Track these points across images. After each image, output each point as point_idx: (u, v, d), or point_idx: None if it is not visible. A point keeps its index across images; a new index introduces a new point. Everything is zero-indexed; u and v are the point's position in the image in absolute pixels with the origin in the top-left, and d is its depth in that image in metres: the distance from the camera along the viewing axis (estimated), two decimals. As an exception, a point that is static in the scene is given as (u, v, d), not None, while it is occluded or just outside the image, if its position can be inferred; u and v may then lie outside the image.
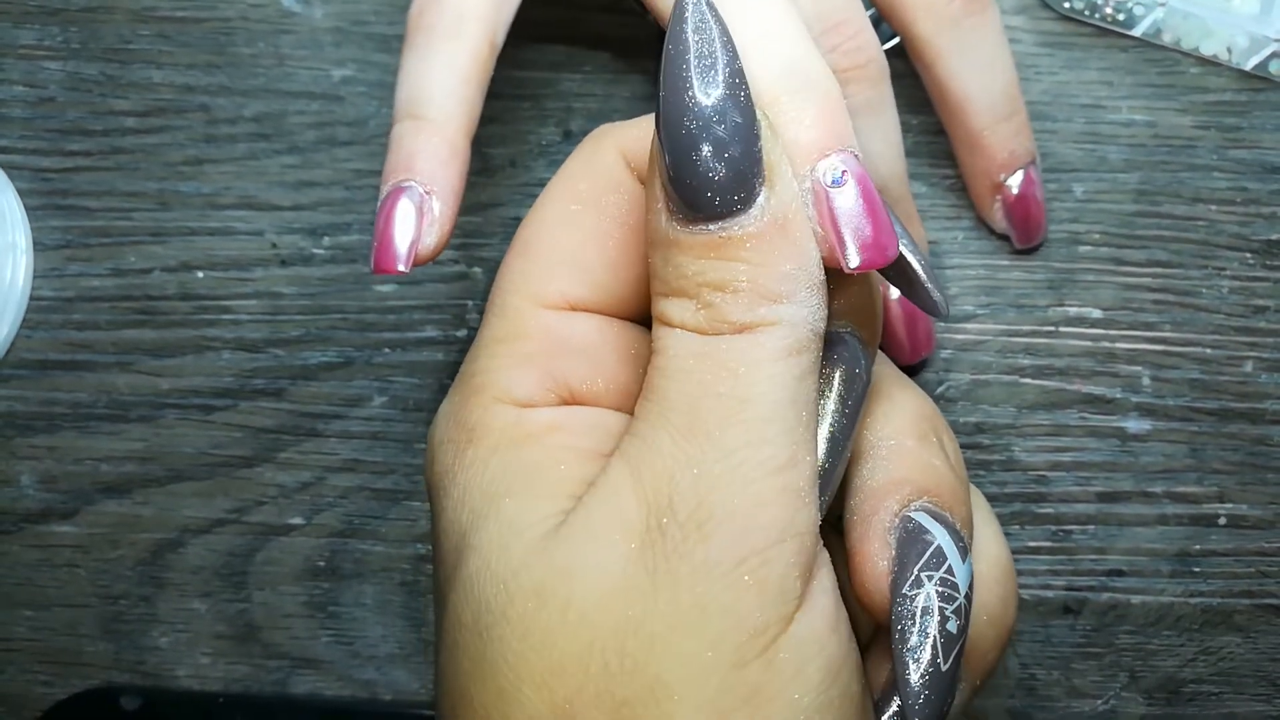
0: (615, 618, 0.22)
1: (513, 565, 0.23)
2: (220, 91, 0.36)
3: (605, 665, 0.22)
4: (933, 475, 0.25)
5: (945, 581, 0.24)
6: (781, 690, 0.22)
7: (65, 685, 0.37)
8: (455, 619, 0.24)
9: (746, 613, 0.22)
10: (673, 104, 0.22)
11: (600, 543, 0.22)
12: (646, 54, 0.36)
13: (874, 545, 0.24)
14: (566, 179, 0.27)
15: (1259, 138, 0.35)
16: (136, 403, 0.37)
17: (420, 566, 0.37)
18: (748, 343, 0.22)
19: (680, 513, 0.22)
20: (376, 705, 0.37)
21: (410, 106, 0.28)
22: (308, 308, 0.36)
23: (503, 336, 0.26)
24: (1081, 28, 0.36)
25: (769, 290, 0.22)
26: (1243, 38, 0.34)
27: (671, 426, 0.22)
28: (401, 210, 0.27)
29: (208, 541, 0.37)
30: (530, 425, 0.25)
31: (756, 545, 0.22)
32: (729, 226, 0.22)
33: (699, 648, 0.21)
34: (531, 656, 0.22)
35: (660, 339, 0.23)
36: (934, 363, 0.36)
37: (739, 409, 0.22)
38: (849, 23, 0.31)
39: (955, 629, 0.24)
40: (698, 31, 0.22)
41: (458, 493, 0.25)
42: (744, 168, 0.22)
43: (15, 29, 0.37)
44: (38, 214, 0.37)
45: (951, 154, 0.35)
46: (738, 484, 0.22)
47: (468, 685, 0.23)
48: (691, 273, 0.23)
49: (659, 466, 0.22)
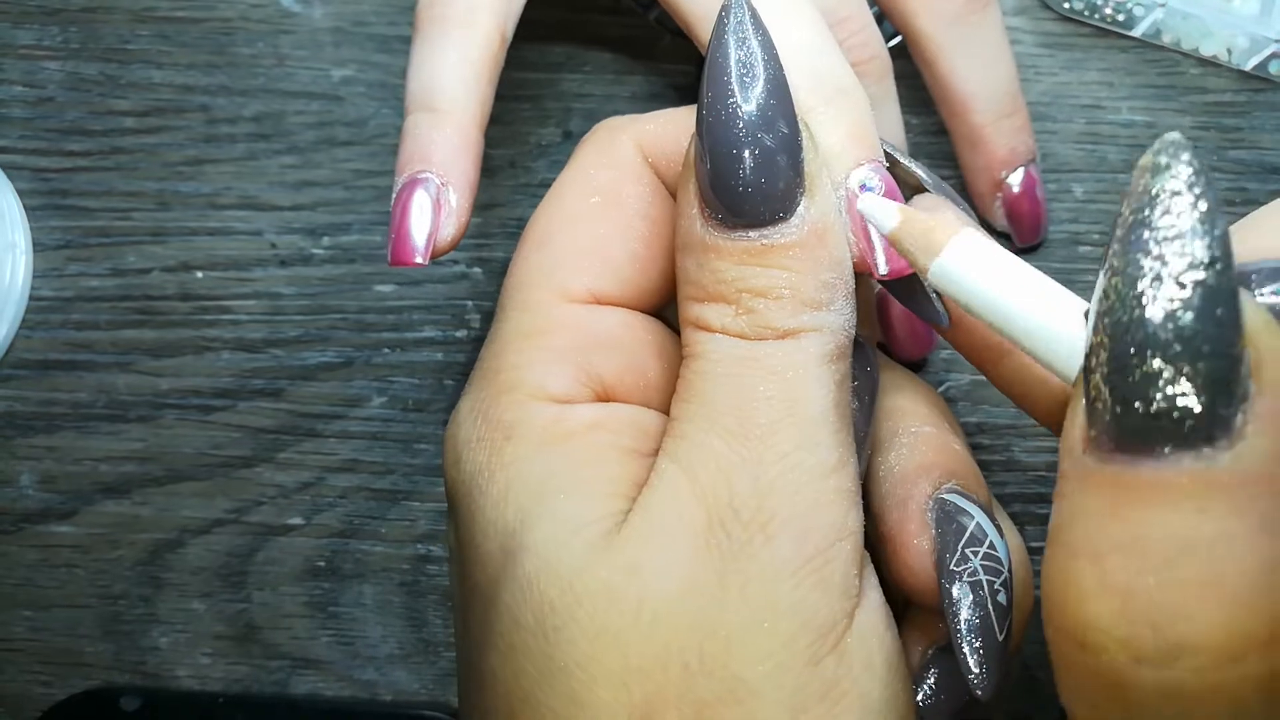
0: (689, 618, 0.22)
1: (575, 565, 0.23)
2: (220, 91, 0.36)
3: (685, 666, 0.22)
4: (956, 459, 0.26)
5: (989, 556, 0.24)
6: (854, 684, 0.22)
7: (65, 685, 0.37)
8: (511, 621, 0.23)
9: (815, 610, 0.22)
10: (717, 112, 0.22)
11: (665, 543, 0.22)
12: (647, 55, 0.36)
13: (913, 527, 0.25)
14: (583, 171, 0.27)
15: (1259, 138, 0.35)
16: (136, 403, 0.37)
17: (420, 566, 0.37)
18: (792, 348, 0.23)
19: (743, 514, 0.22)
20: (376, 705, 0.37)
21: (423, 98, 0.27)
22: (307, 308, 0.36)
23: (529, 331, 0.26)
24: (1081, 28, 0.36)
25: (810, 298, 0.23)
26: (1242, 38, 0.34)
27: (722, 429, 0.23)
28: (418, 202, 0.26)
29: (207, 542, 0.37)
30: (572, 423, 0.25)
31: (819, 545, 0.22)
32: (770, 234, 0.22)
33: (775, 646, 0.22)
34: (607, 658, 0.22)
35: (698, 342, 0.23)
36: (934, 363, 0.36)
37: (789, 413, 0.22)
38: (854, 18, 0.31)
39: (1005, 601, 0.24)
40: (741, 41, 0.22)
41: (497, 491, 0.25)
42: (787, 177, 0.22)
43: (15, 29, 0.37)
44: (38, 214, 0.37)
45: (952, 154, 0.35)
46: (795, 486, 0.22)
47: (532, 690, 0.23)
48: (731, 278, 0.23)
49: (714, 468, 0.22)
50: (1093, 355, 0.17)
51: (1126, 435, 0.16)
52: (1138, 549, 0.16)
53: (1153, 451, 0.16)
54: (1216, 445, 0.16)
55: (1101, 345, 0.17)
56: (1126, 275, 0.17)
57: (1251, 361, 0.16)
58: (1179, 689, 0.16)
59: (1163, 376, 0.16)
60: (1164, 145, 0.17)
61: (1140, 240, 0.17)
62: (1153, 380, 0.16)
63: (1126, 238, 0.17)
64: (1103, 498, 0.17)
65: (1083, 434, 0.17)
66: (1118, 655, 0.16)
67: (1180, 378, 0.16)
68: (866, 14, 0.31)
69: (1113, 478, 0.17)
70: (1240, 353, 0.16)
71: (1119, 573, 0.16)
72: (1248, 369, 0.16)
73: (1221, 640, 0.16)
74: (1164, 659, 0.16)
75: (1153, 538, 0.16)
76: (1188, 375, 0.16)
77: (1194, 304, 0.16)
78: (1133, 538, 0.16)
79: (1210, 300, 0.16)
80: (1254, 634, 0.16)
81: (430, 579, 0.37)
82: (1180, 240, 0.16)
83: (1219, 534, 0.16)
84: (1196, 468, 0.16)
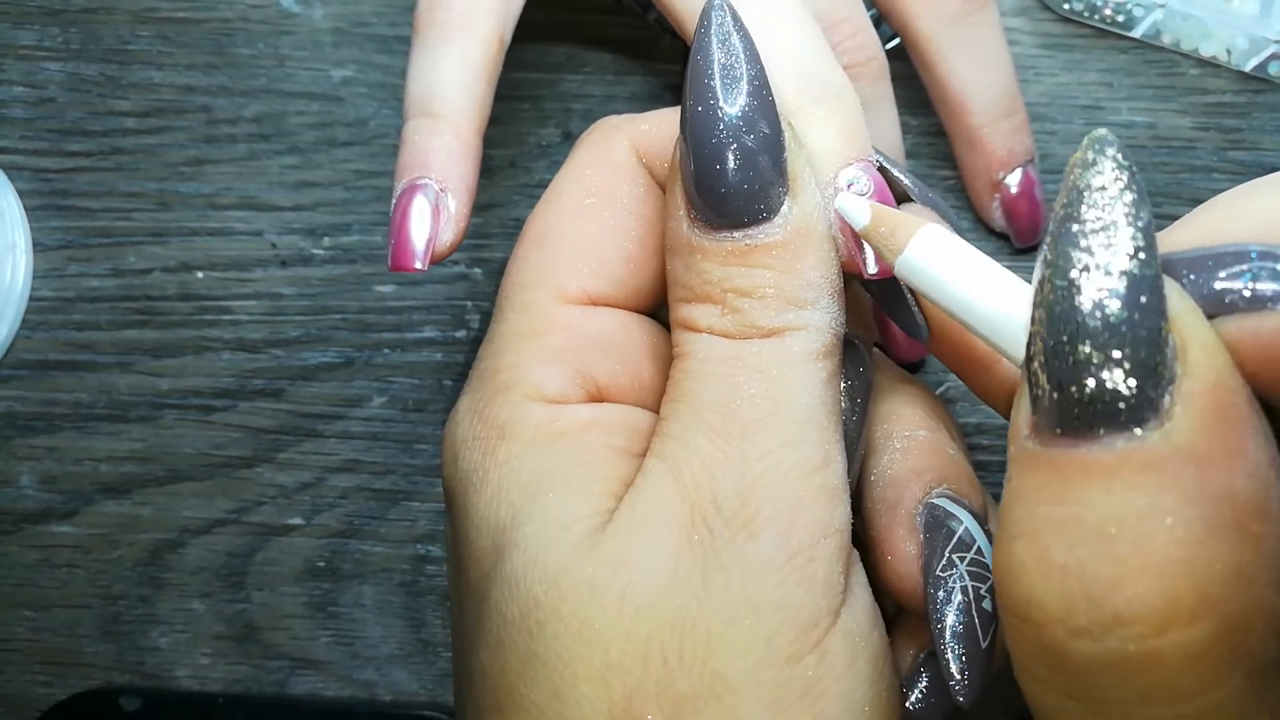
0: (671, 613, 0.22)
1: (562, 561, 0.23)
2: (220, 92, 0.36)
3: (665, 661, 0.22)
4: (949, 463, 0.26)
5: (976, 562, 0.24)
6: (835, 683, 0.22)
7: (65, 686, 0.37)
8: (499, 616, 0.23)
9: (797, 608, 0.22)
10: (699, 113, 0.22)
11: (648, 539, 0.22)
12: (646, 55, 0.36)
13: (901, 531, 0.25)
14: (579, 171, 0.27)
15: (1258, 139, 0.35)
16: (136, 403, 0.37)
17: (420, 567, 0.37)
18: (776, 346, 0.23)
19: (725, 511, 0.22)
20: (376, 705, 0.37)
21: (422, 103, 0.27)
22: (307, 308, 0.36)
23: (526, 332, 0.26)
24: (1081, 29, 0.36)
25: (795, 296, 0.23)
26: (1242, 39, 0.34)
27: (707, 427, 0.23)
28: (418, 208, 0.27)
29: (207, 542, 0.37)
30: (565, 422, 0.25)
31: (803, 542, 0.22)
32: (754, 234, 0.23)
33: (755, 643, 0.22)
34: (588, 654, 0.22)
35: (685, 342, 0.24)
36: (934, 363, 0.36)
37: (773, 410, 0.23)
38: (850, 20, 0.31)
39: (991, 608, 0.24)
40: (723, 42, 0.22)
41: (491, 489, 0.25)
42: (769, 177, 0.22)
43: (15, 29, 0.37)
44: (38, 214, 0.37)
45: (950, 155, 0.35)
46: (779, 483, 0.22)
47: (516, 684, 0.23)
48: (716, 278, 0.23)
49: (698, 465, 0.23)
50: (1031, 344, 0.18)
51: (1064, 420, 0.17)
52: (1073, 526, 0.17)
53: (1088, 434, 0.17)
54: (1146, 426, 0.17)
55: (1039, 335, 0.18)
56: (1058, 267, 0.17)
57: (1177, 346, 0.17)
58: (1116, 659, 0.17)
59: (1094, 363, 0.17)
60: (1092, 141, 0.18)
61: (1070, 233, 0.17)
62: (1085, 366, 0.17)
63: (1058, 231, 0.18)
64: (1042, 479, 0.18)
65: (1027, 420, 0.18)
66: (1057, 629, 0.17)
67: (1110, 364, 0.17)
68: (863, 16, 0.32)
69: (1051, 460, 0.17)
70: (1165, 337, 0.17)
71: (1056, 549, 0.17)
72: (1174, 352, 0.17)
73: (1153, 610, 0.16)
74: (1100, 631, 0.17)
75: (1087, 515, 0.17)
76: (1117, 361, 0.17)
77: (1120, 293, 0.17)
78: (1069, 516, 0.17)
79: (1135, 289, 0.17)
80: (1183, 603, 0.16)
81: (430, 579, 0.37)
82: (1106, 232, 0.17)
83: (1149, 509, 0.17)
84: (1128, 448, 0.17)
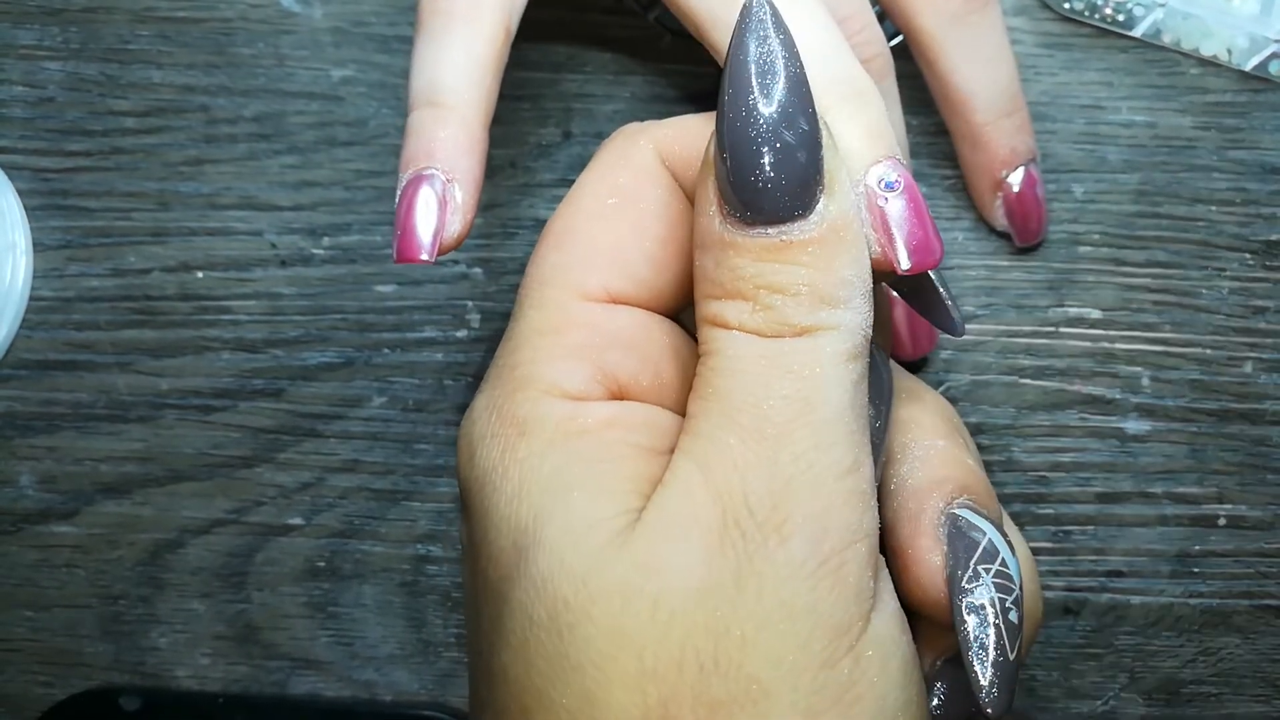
0: (705, 618, 0.22)
1: (590, 562, 0.23)
2: (220, 92, 0.36)
3: (700, 667, 0.22)
4: (968, 473, 0.26)
5: (1001, 574, 0.24)
6: (869, 688, 0.22)
7: (65, 686, 0.37)
8: (524, 617, 0.23)
9: (830, 612, 0.22)
10: (738, 109, 0.22)
11: (680, 542, 0.22)
12: (647, 55, 0.36)
13: (926, 541, 0.25)
14: (602, 172, 0.27)
15: (1259, 138, 0.35)
16: (136, 403, 0.37)
17: (420, 567, 0.37)
18: (809, 345, 0.23)
19: (758, 514, 0.22)
20: (376, 705, 0.37)
21: (428, 93, 0.27)
22: (307, 308, 0.36)
23: (545, 329, 0.26)
24: (1081, 28, 0.36)
25: (828, 295, 0.23)
26: (1242, 38, 0.34)
27: (738, 426, 0.23)
28: (424, 199, 0.26)
29: (207, 542, 0.37)
30: (586, 420, 0.25)
31: (835, 546, 0.22)
32: (789, 231, 0.23)
33: (790, 648, 0.22)
34: (622, 658, 0.22)
35: (715, 340, 0.23)
36: (934, 363, 0.36)
37: (805, 411, 0.22)
38: (856, 16, 0.31)
39: (1016, 619, 0.24)
40: (763, 39, 0.22)
41: (511, 488, 0.24)
42: (808, 175, 0.22)
43: (15, 29, 0.37)
44: (38, 214, 0.37)
45: (952, 155, 0.35)
46: (810, 486, 0.22)
47: (545, 687, 0.23)
48: (749, 275, 0.23)
49: (729, 466, 0.22)
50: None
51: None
52: None
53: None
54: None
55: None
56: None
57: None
58: None
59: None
60: None
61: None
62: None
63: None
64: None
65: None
66: None
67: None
68: (869, 13, 0.31)
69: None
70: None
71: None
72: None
73: None
74: None
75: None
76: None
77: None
78: None
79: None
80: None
81: (430, 579, 0.37)
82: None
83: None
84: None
